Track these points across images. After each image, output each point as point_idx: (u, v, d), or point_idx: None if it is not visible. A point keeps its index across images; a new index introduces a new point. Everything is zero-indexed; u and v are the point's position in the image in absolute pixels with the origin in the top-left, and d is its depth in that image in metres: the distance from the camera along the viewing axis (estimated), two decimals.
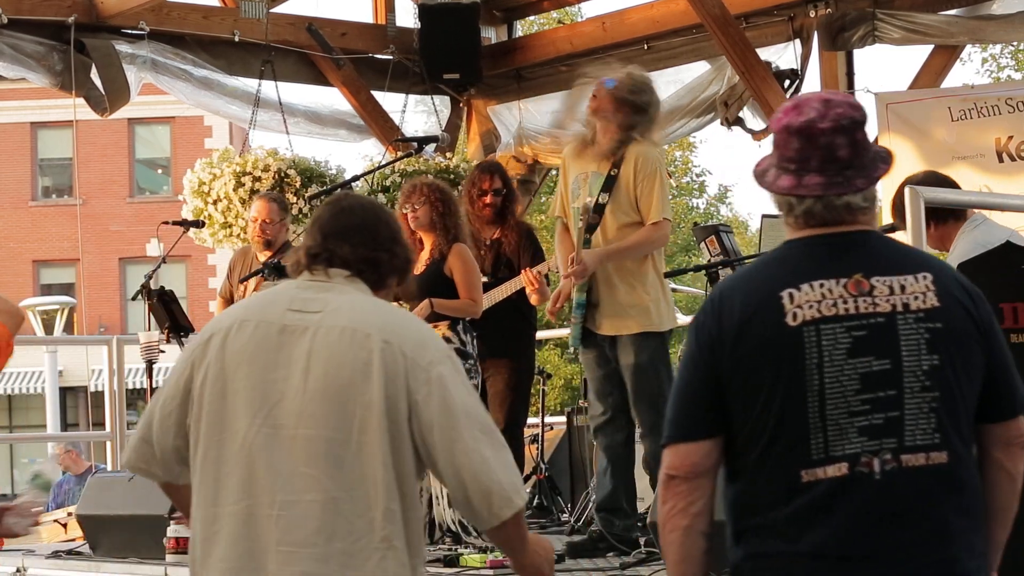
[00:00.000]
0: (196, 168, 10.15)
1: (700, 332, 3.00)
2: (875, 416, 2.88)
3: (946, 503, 2.90)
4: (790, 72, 10.24)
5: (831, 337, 2.90)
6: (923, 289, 2.94)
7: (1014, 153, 9.43)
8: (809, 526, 2.88)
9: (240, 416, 3.28)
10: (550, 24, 23.19)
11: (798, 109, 2.98)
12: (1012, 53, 27.99)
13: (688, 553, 3.00)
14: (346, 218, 3.43)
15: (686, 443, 2.99)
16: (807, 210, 2.97)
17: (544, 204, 31.17)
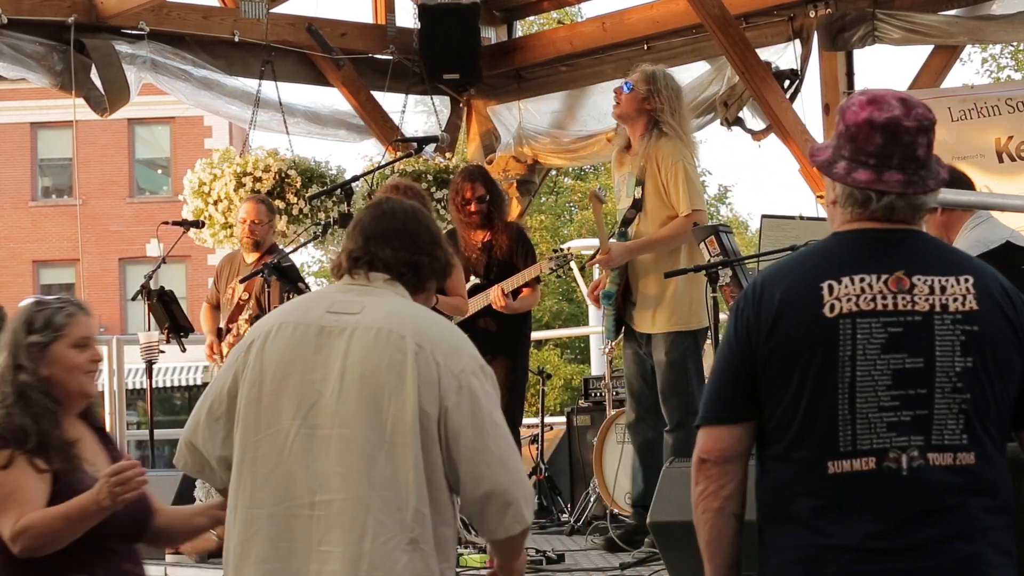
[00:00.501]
0: (196, 168, 10.15)
1: (739, 319, 3.03)
2: (904, 413, 2.91)
3: (973, 502, 2.92)
4: (790, 72, 10.24)
5: (866, 331, 2.92)
6: (963, 292, 2.96)
7: (1014, 153, 9.43)
8: (836, 518, 2.91)
9: (280, 418, 3.31)
10: (550, 24, 23.19)
11: (878, 104, 2.99)
12: (1012, 53, 27.99)
13: (720, 533, 3.03)
14: (388, 222, 3.46)
15: (718, 426, 3.02)
16: (888, 205, 2.99)
17: (544, 204, 31.21)
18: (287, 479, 3.28)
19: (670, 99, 6.82)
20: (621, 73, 11.31)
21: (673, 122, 6.81)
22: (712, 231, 6.55)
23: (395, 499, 3.24)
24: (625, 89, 6.86)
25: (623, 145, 7.03)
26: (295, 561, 3.26)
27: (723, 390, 3.04)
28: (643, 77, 6.83)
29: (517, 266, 8.01)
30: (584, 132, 11.64)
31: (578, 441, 8.83)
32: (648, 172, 6.76)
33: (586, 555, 6.79)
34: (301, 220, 10.02)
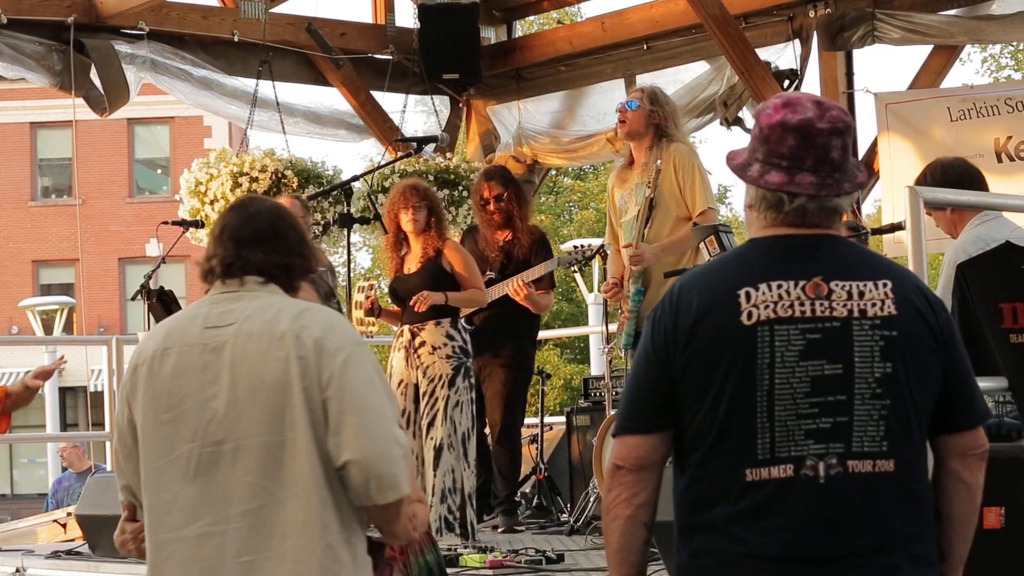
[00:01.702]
0: (193, 168, 10.16)
1: (656, 327, 3.00)
2: (823, 420, 2.87)
3: (891, 511, 2.88)
4: (789, 72, 10.24)
5: (784, 338, 2.88)
6: (882, 296, 2.92)
7: (1013, 153, 9.43)
8: (752, 526, 2.88)
9: (179, 444, 3.31)
10: (550, 24, 23.19)
11: (792, 107, 2.96)
12: (1012, 53, 28.00)
13: (628, 542, 3.01)
14: (256, 224, 3.44)
15: (634, 435, 3.01)
16: (800, 208, 2.96)
17: (543, 204, 31.21)
18: (197, 501, 3.29)
19: (672, 113, 7.17)
20: (620, 73, 11.38)
21: (676, 132, 7.14)
22: (712, 231, 6.57)
23: (305, 492, 3.25)
24: (631, 107, 7.08)
25: (625, 163, 7.24)
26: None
27: (640, 399, 3.01)
28: (645, 95, 7.11)
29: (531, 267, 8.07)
30: (583, 132, 11.64)
31: (578, 441, 8.83)
32: (664, 174, 6.92)
33: (586, 555, 6.79)
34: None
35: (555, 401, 27.19)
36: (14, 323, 30.97)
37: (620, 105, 7.16)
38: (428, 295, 7.23)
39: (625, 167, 7.22)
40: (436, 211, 7.44)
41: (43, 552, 7.62)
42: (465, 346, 7.33)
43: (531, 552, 6.54)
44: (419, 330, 7.29)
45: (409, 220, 7.35)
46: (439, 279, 7.32)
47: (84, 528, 7.44)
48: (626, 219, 7.11)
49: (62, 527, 9.34)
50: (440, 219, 7.46)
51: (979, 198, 5.40)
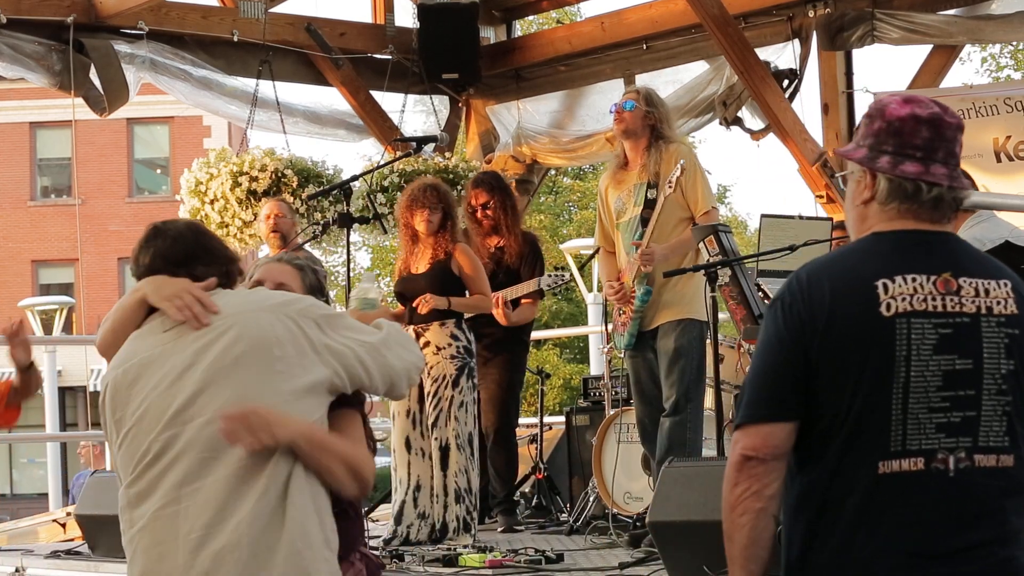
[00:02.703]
0: (193, 168, 10.16)
1: (787, 313, 2.97)
2: (953, 414, 2.91)
3: (1008, 505, 2.94)
4: (789, 72, 10.25)
5: (920, 331, 2.92)
6: (1005, 295, 2.98)
7: (1012, 153, 9.43)
8: (882, 520, 2.90)
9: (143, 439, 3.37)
10: (549, 24, 23.20)
11: (916, 103, 3.01)
12: (1012, 53, 27.99)
13: (760, 536, 2.97)
14: (184, 244, 3.53)
15: (769, 424, 2.96)
16: (937, 198, 2.99)
17: (543, 204, 31.21)
18: (152, 486, 3.34)
19: (667, 114, 7.20)
20: (620, 73, 11.38)
21: (671, 133, 7.16)
22: (711, 231, 6.56)
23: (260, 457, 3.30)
24: (627, 107, 7.11)
25: (619, 165, 7.23)
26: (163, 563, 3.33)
27: (772, 386, 2.97)
28: (641, 96, 7.15)
29: (523, 276, 8.08)
30: (583, 132, 11.64)
31: (577, 441, 8.84)
32: (664, 173, 6.93)
33: (585, 555, 6.79)
34: (298, 220, 10.02)
35: (554, 401, 27.19)
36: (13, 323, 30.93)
37: (616, 106, 7.18)
38: (431, 299, 7.23)
39: (620, 168, 7.21)
40: (451, 213, 7.44)
41: (43, 552, 7.62)
42: (469, 346, 7.34)
43: (530, 552, 6.54)
44: (424, 331, 7.30)
45: (423, 220, 7.35)
46: (446, 282, 7.32)
47: (84, 528, 7.44)
48: (624, 220, 7.11)
49: (62, 527, 9.34)
50: (454, 222, 7.47)
51: (978, 198, 5.40)
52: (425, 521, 7.25)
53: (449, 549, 6.80)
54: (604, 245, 7.29)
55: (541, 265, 8.22)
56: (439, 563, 6.53)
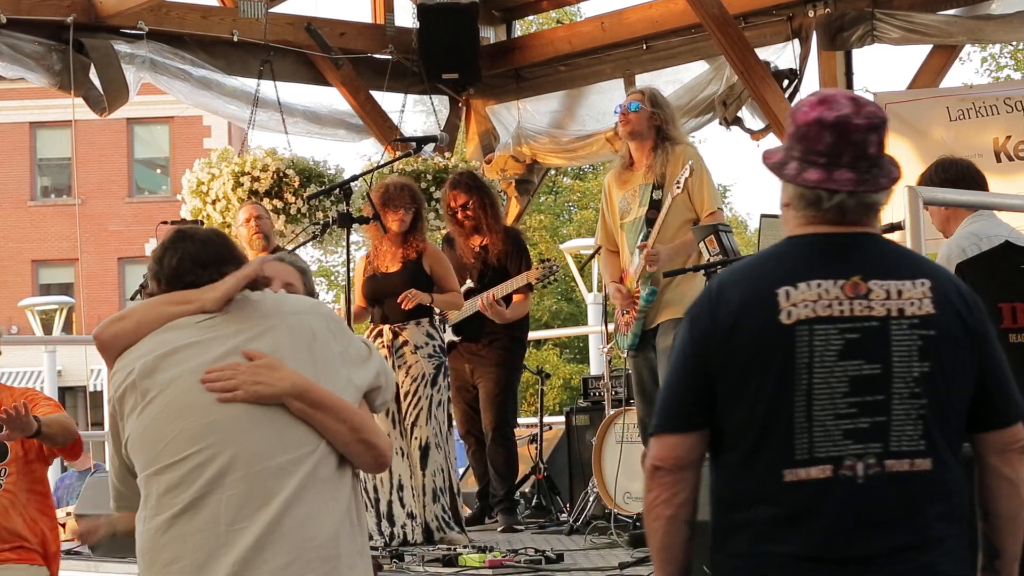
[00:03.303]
0: (195, 168, 10.15)
1: (694, 325, 2.99)
2: (861, 420, 2.87)
3: (928, 510, 2.89)
4: (789, 72, 10.25)
5: (823, 338, 2.88)
6: (920, 295, 2.92)
7: (1012, 153, 9.43)
8: (791, 527, 2.88)
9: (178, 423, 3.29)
10: (549, 24, 23.20)
11: (828, 104, 2.96)
12: (1011, 53, 27.99)
13: (672, 541, 3.02)
14: (214, 248, 3.49)
15: (673, 435, 3.00)
16: (839, 205, 2.95)
17: (543, 204, 31.20)
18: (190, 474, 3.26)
19: (672, 115, 7.21)
20: (620, 73, 11.38)
21: (676, 133, 7.17)
22: (711, 230, 6.56)
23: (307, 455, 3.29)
24: (633, 108, 7.10)
25: (624, 165, 7.23)
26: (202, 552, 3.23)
27: (678, 397, 3.00)
28: (646, 97, 7.14)
29: (511, 272, 8.10)
30: (583, 132, 11.64)
31: (577, 441, 8.84)
32: (670, 175, 6.95)
33: (585, 555, 6.79)
34: (299, 220, 10.02)
35: (554, 401, 27.19)
36: (14, 323, 30.96)
37: (621, 107, 7.17)
38: (416, 294, 7.29)
39: (625, 168, 7.21)
40: (421, 213, 7.57)
41: None
42: (443, 345, 7.48)
43: (530, 552, 6.54)
44: (400, 330, 7.35)
45: (397, 220, 7.44)
46: (421, 280, 7.40)
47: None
48: (629, 220, 7.12)
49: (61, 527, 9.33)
50: (423, 221, 7.60)
51: (978, 198, 5.41)
52: (415, 521, 7.26)
53: (449, 549, 6.80)
54: (606, 244, 7.30)
55: (527, 260, 8.26)
56: (439, 563, 6.53)
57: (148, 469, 3.28)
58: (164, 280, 3.44)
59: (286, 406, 3.25)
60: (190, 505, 3.21)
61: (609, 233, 7.27)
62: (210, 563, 3.18)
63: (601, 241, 7.37)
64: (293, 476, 3.22)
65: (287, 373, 3.26)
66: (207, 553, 3.19)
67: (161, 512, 3.24)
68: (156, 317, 3.38)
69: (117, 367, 3.38)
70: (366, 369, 3.43)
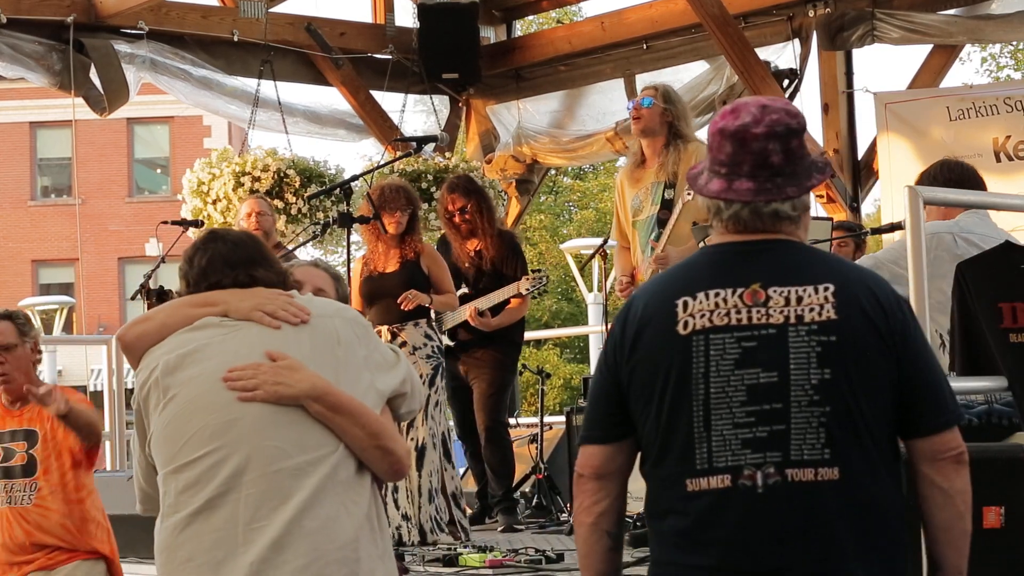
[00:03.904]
0: (195, 168, 10.16)
1: (609, 338, 3.02)
2: (760, 429, 2.83)
3: (836, 520, 2.82)
4: (789, 72, 10.25)
5: (720, 347, 2.86)
6: (821, 301, 2.86)
7: (1012, 153, 9.43)
8: (695, 537, 2.86)
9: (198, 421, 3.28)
10: (549, 24, 23.22)
11: (735, 113, 2.94)
12: (1012, 53, 28.00)
13: (592, 549, 3.03)
14: (245, 249, 3.49)
15: (592, 445, 3.02)
16: (734, 215, 2.94)
17: (543, 204, 31.21)
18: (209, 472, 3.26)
19: (684, 112, 7.19)
20: (620, 73, 11.38)
21: (688, 131, 7.15)
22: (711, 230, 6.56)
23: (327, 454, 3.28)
24: (645, 104, 7.10)
25: (636, 162, 7.22)
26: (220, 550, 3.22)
27: (596, 409, 3.03)
28: (659, 93, 7.13)
29: (506, 276, 8.10)
30: (583, 131, 11.65)
31: (577, 441, 8.83)
32: (681, 174, 6.94)
33: None
34: (300, 220, 10.03)
35: (555, 401, 27.20)
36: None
37: (634, 103, 7.17)
38: (416, 295, 7.32)
39: (637, 165, 7.21)
40: (416, 214, 7.58)
41: None
42: (441, 346, 7.49)
43: (531, 551, 6.54)
44: (399, 331, 7.36)
45: (394, 222, 7.46)
46: (419, 281, 7.42)
47: None
48: (641, 218, 7.13)
49: None
50: (418, 221, 7.61)
51: (978, 198, 5.41)
52: (410, 523, 7.27)
53: (449, 549, 6.80)
54: (620, 241, 7.32)
55: (523, 264, 8.25)
56: (439, 563, 6.53)
57: (167, 467, 3.29)
58: (192, 280, 3.45)
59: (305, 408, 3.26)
60: (208, 504, 3.21)
61: (623, 230, 7.28)
62: (228, 562, 3.18)
63: (615, 237, 7.39)
64: (311, 476, 3.21)
65: (307, 375, 3.26)
66: (225, 552, 3.19)
67: (179, 510, 3.24)
68: (180, 318, 3.38)
69: (141, 366, 3.38)
70: (391, 375, 3.42)
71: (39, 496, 5.65)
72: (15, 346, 5.78)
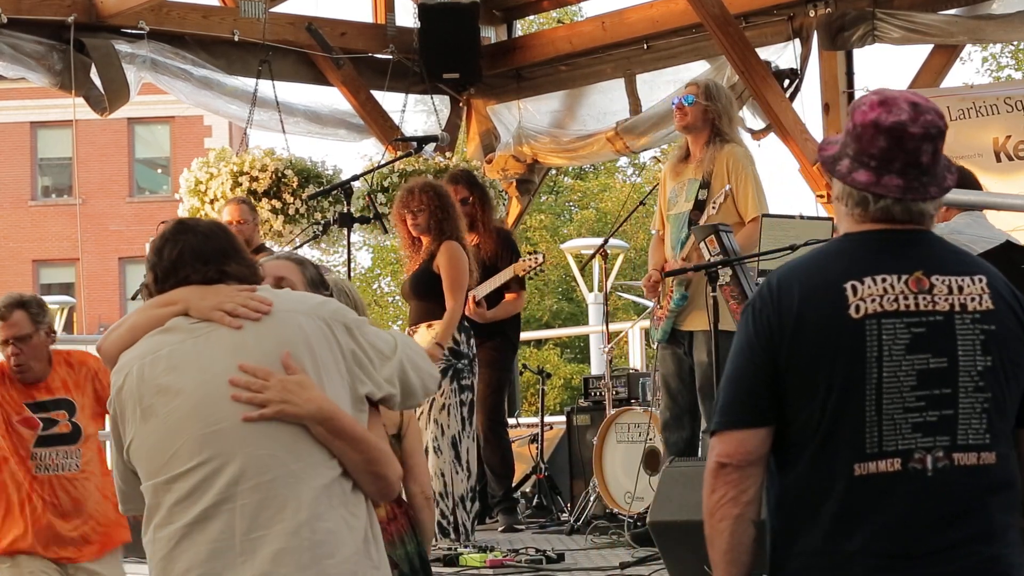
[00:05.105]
0: (193, 168, 10.16)
1: (757, 320, 2.99)
2: (930, 413, 2.91)
3: (992, 502, 2.93)
4: (789, 72, 10.25)
5: (891, 332, 2.91)
6: (979, 291, 2.97)
7: (1012, 153, 9.43)
8: (860, 522, 2.89)
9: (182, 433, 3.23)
10: (550, 24, 23.21)
11: (887, 107, 2.97)
12: (1012, 52, 28.00)
13: (739, 542, 2.98)
14: (217, 240, 3.42)
15: (741, 430, 2.97)
16: (885, 208, 2.98)
17: (544, 204, 31.20)
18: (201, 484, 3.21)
19: (726, 108, 7.15)
20: (621, 73, 11.39)
21: (729, 130, 7.13)
22: (712, 231, 6.55)
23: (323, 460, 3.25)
24: (687, 102, 7.09)
25: (681, 156, 7.25)
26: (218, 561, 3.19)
27: (744, 393, 2.99)
28: (702, 90, 7.11)
29: (500, 268, 8.09)
30: (584, 131, 11.64)
31: (578, 440, 8.85)
32: (716, 175, 6.96)
33: (586, 554, 6.80)
34: (298, 220, 10.02)
35: (555, 401, 27.19)
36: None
37: (677, 100, 7.16)
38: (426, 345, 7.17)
39: (680, 160, 7.23)
40: (437, 212, 7.41)
41: None
42: (457, 348, 7.30)
43: (531, 551, 6.55)
44: (414, 332, 7.34)
45: (412, 224, 7.41)
46: (424, 281, 7.36)
47: None
48: (674, 213, 7.14)
49: None
50: (438, 220, 7.42)
51: (979, 198, 5.42)
52: None
53: (449, 549, 6.80)
54: (660, 230, 7.34)
55: (517, 260, 8.24)
56: (439, 563, 6.53)
57: (157, 478, 3.25)
58: (160, 273, 3.38)
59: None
60: (203, 515, 3.17)
61: (662, 219, 7.31)
62: (227, 572, 3.16)
63: (656, 226, 7.43)
64: (306, 483, 3.19)
65: (315, 395, 3.21)
66: (223, 563, 3.16)
67: (173, 521, 3.21)
68: (147, 320, 3.34)
69: (115, 370, 3.35)
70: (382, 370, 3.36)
71: (84, 462, 5.76)
72: (30, 336, 5.80)
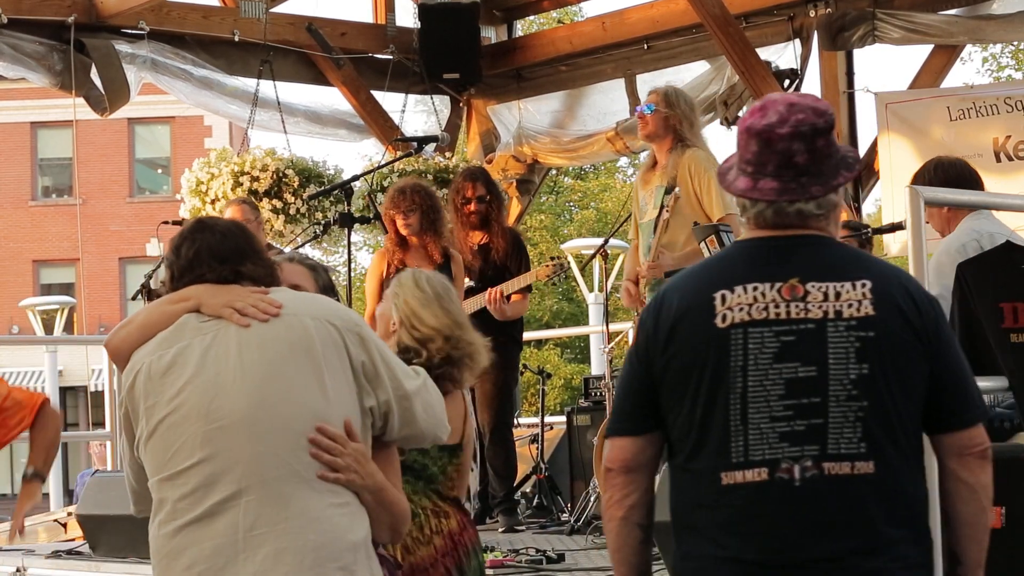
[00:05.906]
0: (194, 168, 10.16)
1: (641, 330, 3.04)
2: (797, 423, 2.86)
3: (873, 513, 2.85)
4: (790, 72, 10.24)
5: (758, 341, 2.88)
6: (859, 297, 2.89)
7: (1012, 153, 9.43)
8: (731, 530, 2.88)
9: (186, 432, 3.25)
10: (550, 24, 23.19)
11: (763, 111, 2.96)
12: (1012, 53, 27.98)
13: (624, 543, 3.04)
14: (234, 241, 3.43)
15: (623, 437, 3.03)
16: (758, 214, 2.97)
17: (544, 204, 31.20)
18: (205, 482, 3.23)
19: (686, 114, 7.17)
20: (621, 73, 11.38)
21: (691, 135, 7.15)
22: (712, 231, 6.56)
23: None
24: (647, 111, 7.14)
25: (649, 164, 7.31)
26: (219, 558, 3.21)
27: (625, 401, 3.04)
28: (661, 97, 7.15)
29: (511, 271, 8.08)
30: (584, 132, 11.65)
31: (578, 441, 8.84)
32: (680, 180, 6.99)
33: (586, 555, 6.79)
34: (299, 220, 10.02)
35: (555, 401, 27.19)
36: (14, 323, 30.99)
37: (638, 109, 7.22)
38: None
39: (649, 168, 7.30)
40: (430, 212, 7.45)
41: (43, 552, 7.62)
42: None
43: (531, 552, 6.54)
44: None
45: (403, 225, 7.42)
46: None
47: (84, 528, 7.44)
48: (644, 221, 7.20)
49: (62, 527, 9.34)
50: (434, 221, 7.45)
51: (978, 198, 5.41)
52: None
53: None
54: (635, 239, 7.39)
55: (527, 261, 8.26)
56: None
57: (161, 474, 3.26)
58: (177, 271, 3.39)
59: (318, 431, 3.23)
60: (208, 511, 3.19)
61: (635, 229, 7.37)
62: (228, 569, 3.17)
63: (632, 235, 7.48)
64: (308, 484, 3.20)
65: (374, 469, 3.29)
66: (226, 559, 3.17)
67: (177, 517, 3.22)
68: (159, 317, 3.35)
69: (127, 368, 3.36)
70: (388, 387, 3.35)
71: None
72: None
